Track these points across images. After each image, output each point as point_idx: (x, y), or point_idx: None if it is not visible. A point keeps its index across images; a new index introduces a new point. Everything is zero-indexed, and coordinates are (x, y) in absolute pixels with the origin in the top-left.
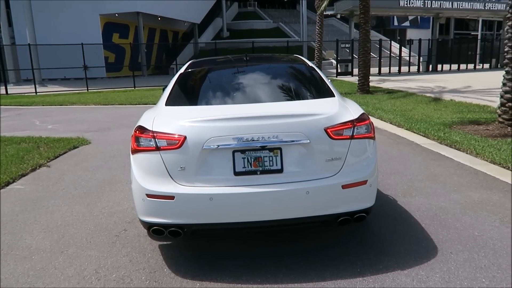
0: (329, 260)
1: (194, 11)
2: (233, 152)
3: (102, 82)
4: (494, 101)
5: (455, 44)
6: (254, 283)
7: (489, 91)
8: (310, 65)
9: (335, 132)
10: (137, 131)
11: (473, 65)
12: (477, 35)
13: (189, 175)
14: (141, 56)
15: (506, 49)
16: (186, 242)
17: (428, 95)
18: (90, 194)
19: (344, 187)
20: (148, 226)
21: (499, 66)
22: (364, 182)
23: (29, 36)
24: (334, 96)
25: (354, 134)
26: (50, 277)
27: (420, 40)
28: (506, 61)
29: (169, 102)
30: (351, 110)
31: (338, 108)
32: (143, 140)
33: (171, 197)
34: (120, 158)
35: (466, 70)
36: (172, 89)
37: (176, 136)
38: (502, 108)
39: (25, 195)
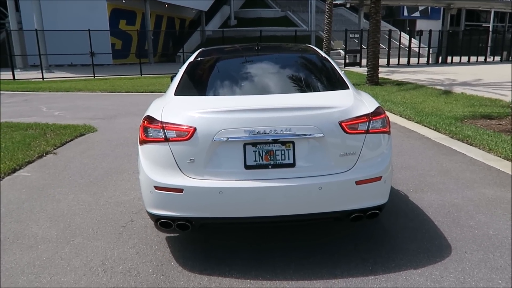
0: (339, 256)
1: None
2: (244, 145)
3: (108, 69)
4: (506, 95)
5: (465, 36)
6: (263, 279)
7: (501, 85)
8: (323, 55)
9: (349, 126)
10: (146, 121)
11: (483, 57)
12: (489, 27)
13: (198, 167)
14: (148, 43)
15: None
16: (193, 234)
17: (438, 87)
18: (96, 183)
19: (358, 183)
20: (156, 218)
21: (510, 59)
22: (379, 178)
23: (36, 22)
24: (348, 88)
25: (370, 128)
26: (56, 267)
27: (430, 31)
28: None
29: (178, 92)
30: (366, 104)
31: (353, 101)
32: (151, 130)
33: (179, 190)
34: (126, 146)
35: (477, 63)
36: (181, 78)
37: (186, 127)
38: None
39: (31, 182)
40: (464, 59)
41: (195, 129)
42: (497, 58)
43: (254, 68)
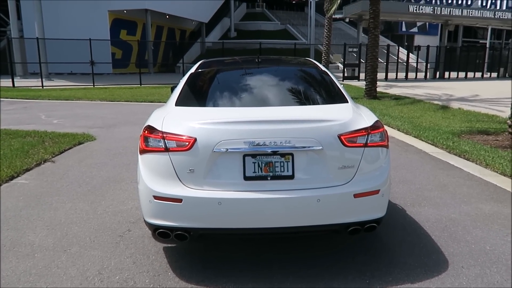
0: (337, 269)
1: (202, 10)
2: (244, 156)
3: (108, 78)
4: (503, 111)
5: (463, 52)
6: None
7: (498, 101)
8: (323, 69)
9: (348, 139)
10: (146, 131)
11: (480, 73)
12: (486, 43)
13: (198, 178)
14: (148, 53)
15: None
16: (191, 245)
17: (435, 102)
18: (94, 192)
19: (356, 196)
20: (154, 228)
21: (507, 76)
22: (377, 192)
23: (38, 30)
24: (347, 101)
25: (368, 142)
26: (52, 276)
27: (428, 46)
28: None
29: (179, 102)
30: (365, 117)
31: (352, 115)
32: (152, 140)
33: (179, 200)
34: (125, 155)
35: (474, 79)
36: (182, 89)
37: (186, 138)
38: None
39: (29, 190)
40: (462, 74)
41: (195, 139)
42: (494, 75)
43: (254, 80)
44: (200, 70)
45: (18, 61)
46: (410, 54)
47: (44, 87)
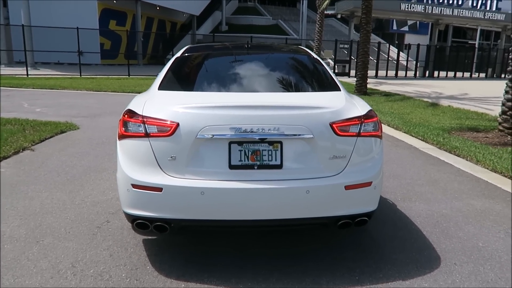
0: (325, 265)
1: (194, 3)
2: (230, 143)
3: (96, 69)
4: (492, 109)
5: (452, 52)
6: (243, 287)
7: (486, 100)
8: (315, 56)
9: (341, 128)
10: (126, 115)
11: (469, 73)
12: (475, 44)
13: (179, 166)
14: (137, 44)
15: (511, 56)
16: (172, 237)
17: (425, 100)
18: (73, 181)
19: (347, 188)
20: (132, 219)
21: (495, 76)
22: (369, 184)
23: (24, 17)
24: (340, 90)
25: (361, 131)
26: (21, 269)
27: (418, 45)
28: (510, 68)
29: (162, 86)
30: (358, 106)
31: (345, 103)
32: (131, 125)
33: (158, 189)
34: (108, 145)
35: (462, 78)
36: (166, 73)
37: (168, 123)
38: (503, 116)
39: (4, 178)
40: (450, 74)
41: (177, 124)
42: (482, 75)
43: (243, 65)
44: (186, 54)
45: (3, 48)
46: (401, 52)
47: (29, 76)
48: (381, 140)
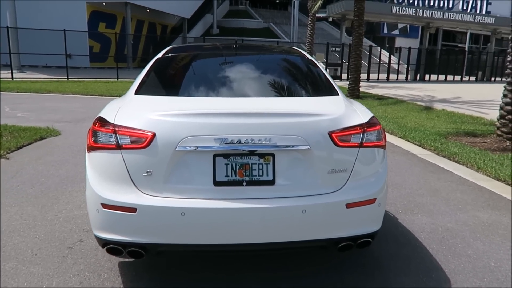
0: None
1: (184, 6)
2: (214, 156)
3: (84, 72)
4: (487, 113)
5: (443, 55)
6: None
7: (480, 103)
8: (309, 58)
9: (341, 137)
10: (96, 124)
11: (459, 76)
12: (464, 47)
13: (157, 182)
14: (127, 47)
15: (509, 59)
16: (153, 260)
17: (418, 103)
18: (47, 194)
19: (348, 206)
20: (103, 243)
21: (485, 79)
22: (373, 201)
23: (10, 19)
24: (338, 94)
25: (364, 141)
26: None
27: (409, 48)
28: (508, 71)
29: (140, 90)
30: (359, 112)
31: (344, 109)
32: (101, 135)
33: (132, 209)
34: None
35: (453, 81)
36: (145, 75)
37: (143, 133)
38: (502, 120)
39: None
40: (441, 77)
41: (154, 134)
42: (473, 78)
43: (231, 67)
44: (169, 55)
45: None
46: (392, 56)
47: (14, 79)
48: (385, 151)
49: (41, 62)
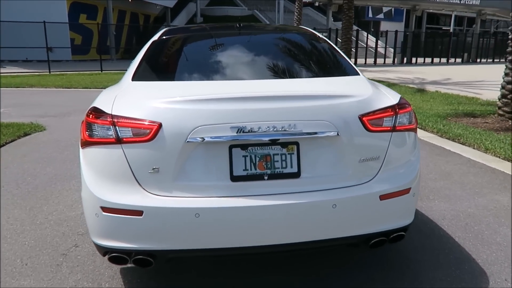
0: None
1: None
2: (230, 147)
3: (66, 65)
4: (480, 94)
5: (428, 38)
6: None
7: (471, 84)
8: (321, 37)
9: (372, 121)
10: (90, 115)
11: (445, 59)
12: (448, 29)
13: (165, 180)
14: (109, 38)
15: (510, 36)
16: (160, 264)
17: (411, 86)
18: (35, 194)
19: (382, 197)
20: (105, 251)
21: (470, 61)
22: (407, 191)
23: None
24: (358, 74)
25: (396, 124)
26: None
27: (396, 31)
28: (509, 49)
29: (137, 76)
30: (386, 93)
31: (372, 90)
32: (98, 128)
33: (137, 212)
34: (78, 147)
35: (440, 64)
36: (142, 60)
37: (147, 124)
38: (503, 100)
39: None
40: (428, 60)
41: (160, 125)
42: (459, 60)
43: (238, 48)
44: (165, 37)
45: None
46: (378, 40)
47: None
48: (416, 135)
49: (21, 57)
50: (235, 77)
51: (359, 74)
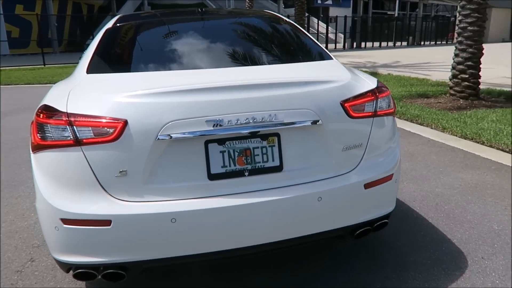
0: (339, 284)
1: None
2: (206, 143)
3: (4, 60)
4: (429, 75)
5: (376, 23)
6: None
7: (419, 66)
8: (288, 20)
9: (354, 107)
10: (41, 114)
11: (392, 42)
12: (393, 14)
13: (134, 184)
14: (51, 30)
15: (459, 18)
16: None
17: (363, 69)
18: None
19: (366, 186)
20: (68, 268)
21: (415, 44)
22: (390, 177)
23: None
24: (332, 58)
25: (377, 109)
26: None
27: (345, 17)
28: (459, 30)
29: (93, 68)
30: (363, 77)
31: (350, 74)
32: (51, 128)
33: (105, 222)
34: (25, 149)
35: (387, 47)
36: (96, 50)
37: (110, 121)
38: (454, 80)
39: None
40: (376, 44)
41: (125, 122)
42: (404, 43)
43: (205, 33)
44: (120, 24)
45: None
46: (328, 26)
47: None
48: (395, 119)
49: None
50: (204, 65)
51: (332, 59)
